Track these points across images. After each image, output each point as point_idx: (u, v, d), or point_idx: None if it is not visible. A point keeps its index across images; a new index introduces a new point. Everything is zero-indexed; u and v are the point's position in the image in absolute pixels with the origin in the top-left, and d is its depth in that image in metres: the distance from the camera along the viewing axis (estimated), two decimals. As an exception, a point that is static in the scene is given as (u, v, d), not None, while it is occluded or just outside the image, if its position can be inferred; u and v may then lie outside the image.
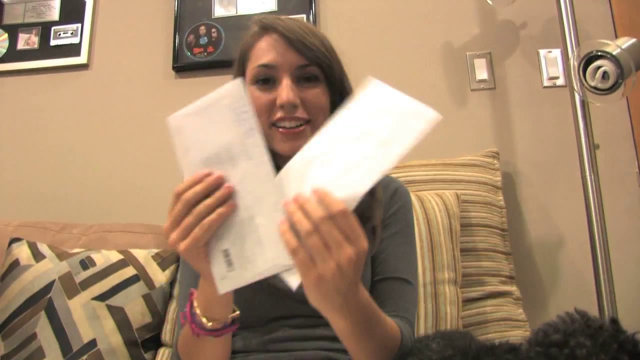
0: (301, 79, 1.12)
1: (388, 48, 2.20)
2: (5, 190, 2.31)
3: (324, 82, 1.14)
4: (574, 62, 1.61)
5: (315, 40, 1.13)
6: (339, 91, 1.17)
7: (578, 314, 0.79)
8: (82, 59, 2.39)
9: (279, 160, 1.19)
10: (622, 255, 1.81)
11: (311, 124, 1.12)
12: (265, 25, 1.15)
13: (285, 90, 1.08)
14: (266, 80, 1.11)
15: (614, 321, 0.76)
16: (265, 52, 1.12)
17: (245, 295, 1.05)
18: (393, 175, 1.82)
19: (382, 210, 1.16)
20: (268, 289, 1.09)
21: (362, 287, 0.87)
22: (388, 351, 0.97)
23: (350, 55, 2.20)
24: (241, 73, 1.18)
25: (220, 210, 0.82)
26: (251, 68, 1.14)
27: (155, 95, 2.31)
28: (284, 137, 1.10)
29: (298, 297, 1.01)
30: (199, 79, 2.29)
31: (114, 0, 2.48)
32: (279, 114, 1.10)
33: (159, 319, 1.63)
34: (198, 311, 0.94)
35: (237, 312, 0.97)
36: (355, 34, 2.23)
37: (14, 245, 1.72)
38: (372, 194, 1.11)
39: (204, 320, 0.94)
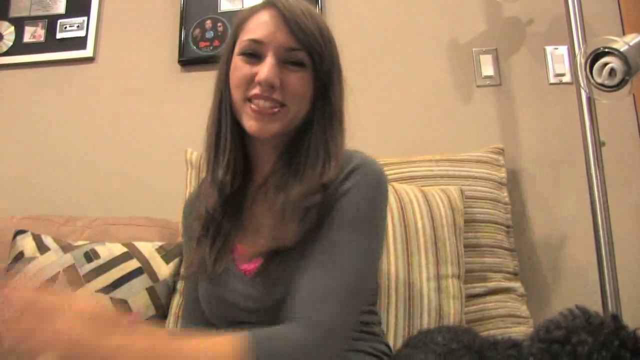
0: (288, 61, 1.08)
1: (394, 44, 2.19)
2: (10, 183, 2.31)
3: (311, 69, 1.10)
4: (580, 59, 1.61)
5: (312, 25, 1.09)
6: (324, 82, 1.12)
7: (579, 311, 0.79)
8: (88, 52, 2.39)
9: (248, 141, 1.18)
10: (626, 253, 1.80)
11: (285, 109, 1.09)
12: (268, 1, 1.12)
13: (266, 68, 1.05)
14: (252, 54, 1.09)
15: (615, 318, 0.76)
16: (258, 26, 1.09)
17: (204, 303, 1.15)
18: (394, 167, 1.82)
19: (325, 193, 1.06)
20: (218, 300, 1.09)
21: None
22: None
23: (356, 51, 2.21)
24: (232, 43, 1.15)
25: None
26: (241, 40, 1.11)
27: (160, 89, 2.31)
28: (254, 116, 1.08)
29: (242, 307, 1.08)
30: (204, 72, 2.28)
31: (120, -7, 2.49)
32: (254, 90, 1.07)
33: (162, 312, 1.63)
34: None
35: None
36: (361, 30, 2.23)
37: (19, 238, 1.73)
38: (313, 187, 1.05)
39: None
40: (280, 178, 1.11)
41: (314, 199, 1.04)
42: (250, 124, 1.08)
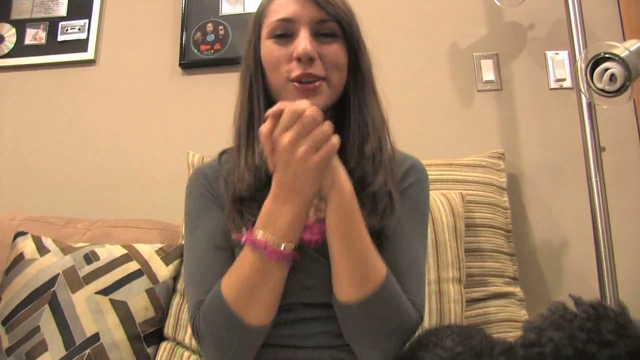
0: (319, 34, 1.10)
1: (395, 48, 2.20)
2: (10, 184, 2.31)
3: (342, 39, 1.12)
4: (581, 64, 1.61)
5: None
6: (355, 51, 1.15)
7: (573, 300, 0.78)
8: (89, 54, 2.40)
9: None
10: (626, 258, 1.80)
11: (327, 81, 1.10)
12: None
13: (303, 42, 1.06)
14: (283, 34, 1.09)
15: (597, 306, 0.75)
16: (283, 6, 1.10)
17: None
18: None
19: (393, 181, 1.13)
20: None
21: (347, 185, 0.97)
22: (367, 279, 0.98)
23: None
24: (257, 31, 1.15)
25: None
26: (268, 23, 1.11)
27: (161, 92, 2.32)
28: (300, 93, 1.07)
29: (301, 283, 1.04)
30: (205, 76, 2.29)
31: (122, -4, 2.49)
32: (297, 71, 1.07)
33: (162, 313, 1.63)
34: (271, 237, 0.94)
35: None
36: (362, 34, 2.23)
37: (19, 239, 1.72)
38: (370, 157, 1.11)
39: (284, 244, 0.95)
40: None
41: (376, 181, 1.09)
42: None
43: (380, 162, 1.11)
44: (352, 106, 1.15)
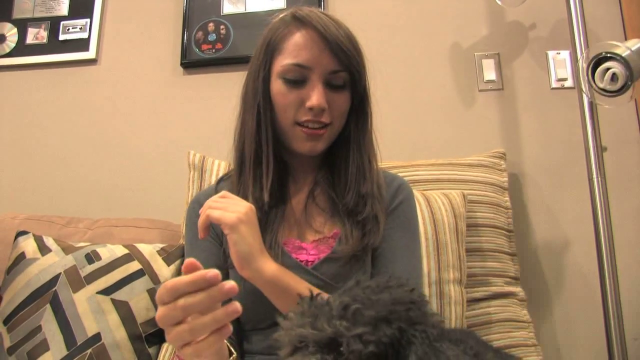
0: (330, 83, 1.13)
1: (397, 48, 2.19)
2: (12, 184, 2.31)
3: (350, 88, 1.16)
4: (582, 64, 1.61)
5: (349, 43, 1.14)
6: (360, 96, 1.19)
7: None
8: (90, 54, 2.40)
9: (287, 157, 1.22)
10: (628, 258, 1.80)
11: (330, 127, 1.15)
12: (301, 18, 1.14)
13: (317, 95, 1.10)
14: (296, 80, 1.12)
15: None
16: (299, 49, 1.12)
17: (252, 297, 1.06)
18: (396, 171, 1.83)
19: (380, 205, 1.18)
20: None
21: (269, 261, 1.00)
22: None
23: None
24: (268, 62, 1.16)
25: None
26: (282, 63, 1.13)
27: (162, 91, 2.32)
28: (307, 137, 1.13)
29: None
30: (207, 75, 2.29)
31: (123, -5, 2.49)
32: (305, 117, 1.12)
33: (163, 313, 1.63)
34: None
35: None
36: (364, 34, 2.20)
37: (20, 239, 1.72)
38: (358, 193, 1.16)
39: None
40: (328, 189, 1.21)
41: (366, 210, 1.14)
42: (302, 145, 1.15)
43: (371, 194, 1.17)
44: (352, 148, 1.20)
